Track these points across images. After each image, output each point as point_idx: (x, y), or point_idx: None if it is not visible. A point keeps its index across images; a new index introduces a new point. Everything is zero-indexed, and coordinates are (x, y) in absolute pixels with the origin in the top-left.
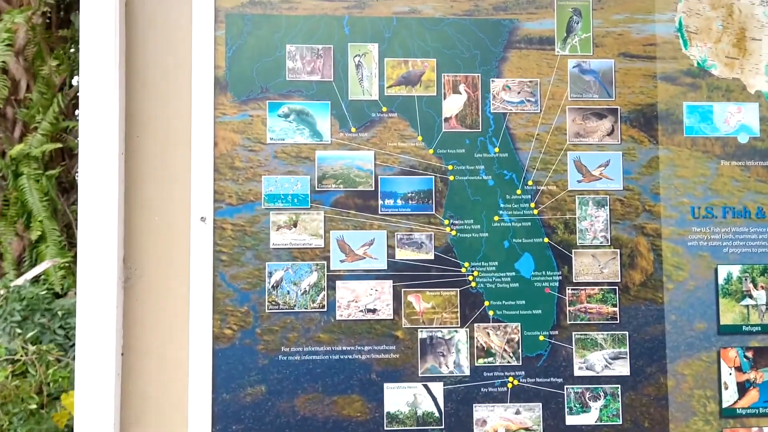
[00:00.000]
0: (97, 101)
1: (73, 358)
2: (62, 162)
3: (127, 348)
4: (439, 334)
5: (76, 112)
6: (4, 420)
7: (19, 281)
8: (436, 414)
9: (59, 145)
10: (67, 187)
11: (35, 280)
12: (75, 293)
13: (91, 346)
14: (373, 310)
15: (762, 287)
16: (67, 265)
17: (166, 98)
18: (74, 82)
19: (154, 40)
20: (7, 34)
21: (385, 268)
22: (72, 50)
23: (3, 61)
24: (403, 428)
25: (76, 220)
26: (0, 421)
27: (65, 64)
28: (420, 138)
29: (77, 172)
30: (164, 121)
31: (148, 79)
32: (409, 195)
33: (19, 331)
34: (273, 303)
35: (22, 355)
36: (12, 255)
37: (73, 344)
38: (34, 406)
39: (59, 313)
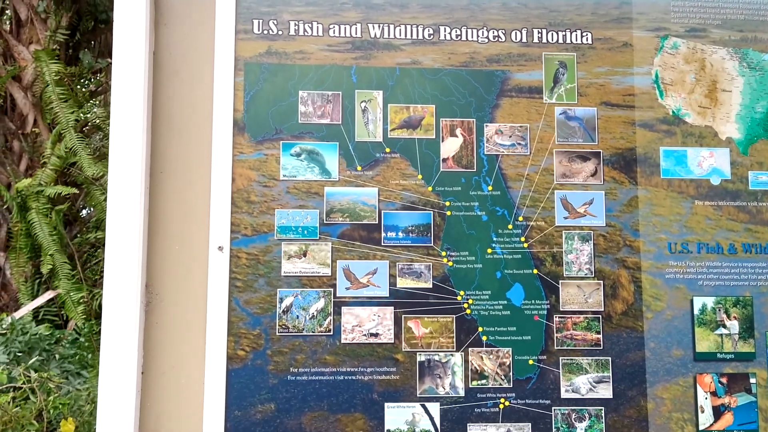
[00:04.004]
0: (125, 140)
1: (73, 387)
2: (66, 196)
3: (147, 367)
4: (437, 358)
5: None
6: None
7: (21, 312)
8: None
9: (74, 190)
10: (71, 220)
11: (36, 313)
12: (74, 325)
13: (113, 364)
14: (376, 335)
15: (735, 317)
16: (84, 300)
17: (188, 138)
18: (80, 116)
19: (179, 86)
20: (60, 89)
21: (387, 295)
22: (79, 86)
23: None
24: None
25: (79, 252)
26: None
27: (73, 99)
28: (420, 176)
29: (82, 206)
30: (186, 159)
31: (173, 121)
32: (410, 228)
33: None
34: (283, 327)
35: (24, 382)
36: (25, 287)
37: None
38: None
39: (56, 356)
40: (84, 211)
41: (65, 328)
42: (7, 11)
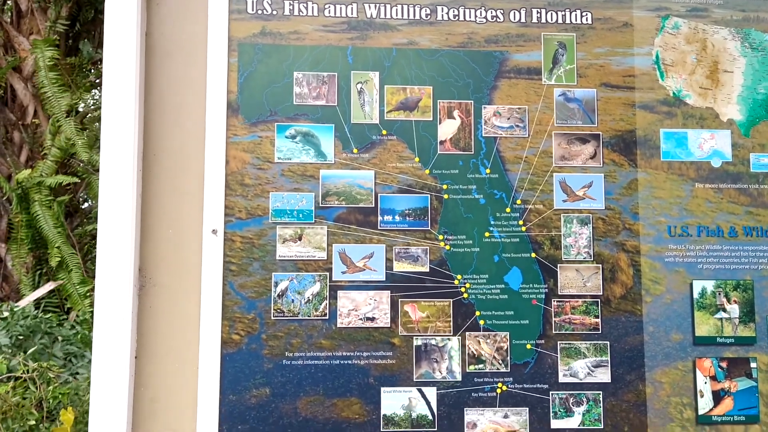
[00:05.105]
0: (117, 122)
1: (72, 374)
2: (67, 186)
3: (141, 351)
4: (433, 342)
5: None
6: None
7: (23, 303)
8: (430, 417)
9: (75, 179)
10: (71, 212)
11: (38, 303)
12: (75, 316)
13: (106, 349)
14: (372, 319)
15: (735, 301)
16: (90, 293)
17: (181, 120)
18: (80, 108)
19: (171, 67)
20: (54, 74)
21: (384, 279)
22: (79, 77)
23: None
24: (399, 430)
25: (80, 243)
26: None
27: (66, 85)
28: (417, 159)
29: (86, 195)
30: (180, 141)
31: (166, 103)
32: (407, 212)
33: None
34: (278, 311)
35: (23, 372)
36: (26, 278)
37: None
38: (33, 422)
39: (59, 338)
40: (85, 204)
41: (66, 314)
42: (8, 2)
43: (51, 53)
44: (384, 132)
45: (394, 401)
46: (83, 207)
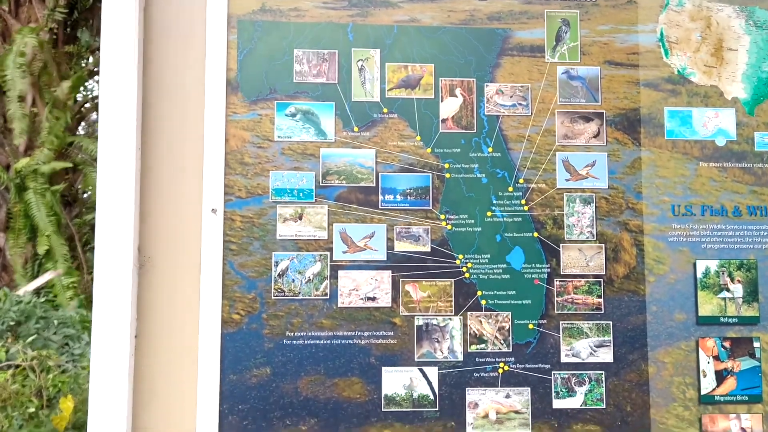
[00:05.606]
0: (116, 100)
1: (71, 358)
2: (66, 176)
3: (141, 331)
4: (435, 322)
5: (80, 128)
6: (4, 423)
7: (20, 292)
8: (431, 397)
9: (69, 164)
10: (70, 201)
11: (37, 292)
12: (75, 307)
13: (106, 328)
14: (373, 299)
15: (739, 281)
16: (74, 285)
17: (180, 97)
18: (79, 97)
19: (170, 44)
20: (21, 59)
21: (385, 259)
22: (77, 66)
23: (20, 89)
24: (400, 410)
25: (78, 234)
26: (0, 424)
27: (72, 80)
28: (418, 138)
29: (80, 186)
30: (179, 119)
31: (165, 80)
32: (408, 191)
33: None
34: (279, 290)
35: (22, 360)
36: (20, 267)
37: (68, 351)
38: (32, 410)
39: (55, 321)
40: (86, 194)
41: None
42: None
43: (33, 41)
44: (385, 110)
45: (395, 381)
46: (84, 196)
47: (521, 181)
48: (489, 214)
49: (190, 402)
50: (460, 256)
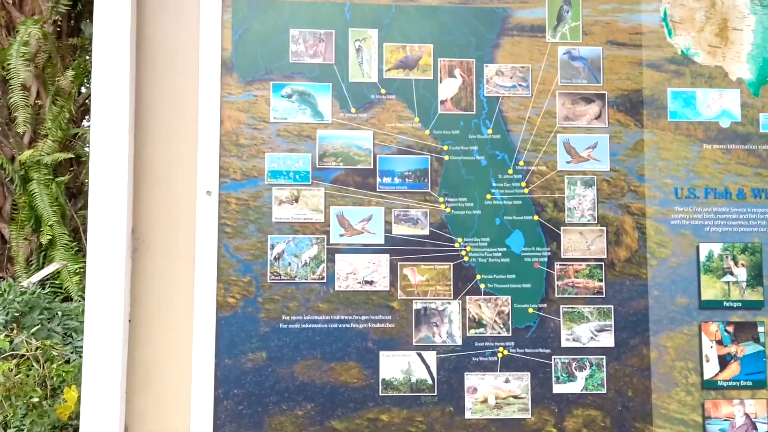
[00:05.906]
0: (109, 79)
1: (74, 349)
2: (71, 168)
3: (135, 315)
4: (433, 306)
5: (85, 120)
6: (8, 412)
7: (25, 283)
8: (429, 381)
9: (71, 155)
10: (75, 193)
11: (42, 284)
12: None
13: (99, 312)
14: (371, 282)
15: (742, 264)
16: (82, 271)
17: (175, 78)
18: (83, 90)
19: (164, 23)
20: (25, 49)
21: (383, 242)
22: (81, 58)
23: (23, 78)
24: (398, 394)
25: (84, 225)
26: (4, 413)
27: (77, 72)
28: (417, 119)
29: (86, 178)
30: (173, 100)
31: (159, 60)
32: (406, 173)
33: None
34: (275, 274)
35: (26, 351)
36: (23, 258)
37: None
38: (36, 399)
39: (58, 313)
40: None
41: (71, 300)
42: None
43: (37, 32)
44: (383, 91)
45: (393, 365)
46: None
47: (521, 163)
48: (488, 196)
49: (184, 386)
50: (459, 240)
